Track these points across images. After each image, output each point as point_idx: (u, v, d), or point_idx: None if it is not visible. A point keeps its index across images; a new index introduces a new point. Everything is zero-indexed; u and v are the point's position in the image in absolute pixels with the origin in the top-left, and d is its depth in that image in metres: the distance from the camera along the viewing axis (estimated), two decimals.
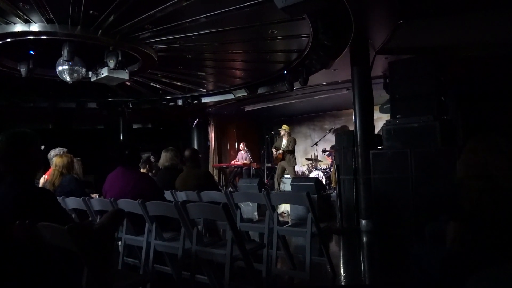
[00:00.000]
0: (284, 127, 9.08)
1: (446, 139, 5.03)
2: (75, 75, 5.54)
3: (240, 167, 10.48)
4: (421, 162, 5.03)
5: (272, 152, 9.24)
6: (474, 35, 5.46)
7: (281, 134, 9.05)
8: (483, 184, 1.63)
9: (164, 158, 4.64)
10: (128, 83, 7.47)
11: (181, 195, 4.16)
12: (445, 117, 5.44)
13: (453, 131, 5.47)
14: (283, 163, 8.89)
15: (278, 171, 9.00)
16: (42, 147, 2.13)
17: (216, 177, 11.72)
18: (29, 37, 4.71)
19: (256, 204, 6.72)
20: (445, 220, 1.84)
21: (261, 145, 12.86)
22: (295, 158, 9.04)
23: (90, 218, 3.56)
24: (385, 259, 4.25)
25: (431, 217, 2.42)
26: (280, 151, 8.75)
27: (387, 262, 4.07)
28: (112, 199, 3.26)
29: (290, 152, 8.83)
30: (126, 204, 3.17)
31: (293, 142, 8.85)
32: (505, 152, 1.65)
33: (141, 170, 4.39)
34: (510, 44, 5.57)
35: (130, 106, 9.10)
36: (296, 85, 7.30)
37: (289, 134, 9.02)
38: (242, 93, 8.14)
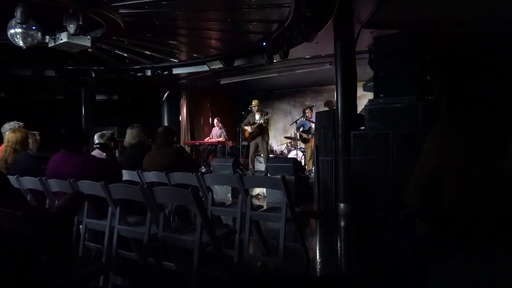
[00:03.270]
0: (255, 101, 9.35)
1: (429, 121, 5.18)
2: (29, 39, 5.31)
3: (214, 145, 10.47)
4: (402, 144, 5.18)
5: (244, 130, 9.29)
6: (462, 11, 5.55)
7: (253, 110, 9.25)
8: (452, 179, 1.69)
9: (130, 135, 4.58)
10: (91, 50, 7.25)
11: (149, 176, 4.15)
12: (429, 97, 5.58)
13: (436, 112, 5.64)
14: (257, 139, 9.06)
15: (252, 149, 9.15)
16: None
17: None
18: None
19: (229, 186, 6.80)
20: (408, 217, 1.92)
21: (237, 121, 12.82)
22: (268, 133, 9.31)
23: (47, 201, 3.52)
24: (362, 244, 4.42)
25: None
26: (261, 121, 8.93)
27: (363, 247, 4.24)
28: (71, 180, 3.23)
29: (265, 125, 9.10)
30: (88, 186, 3.15)
31: (266, 117, 9.11)
32: (476, 140, 1.70)
33: (101, 149, 4.30)
34: (499, 21, 5.70)
35: (93, 75, 8.84)
36: (276, 58, 7.26)
37: (261, 109, 9.34)
38: (217, 65, 8.04)
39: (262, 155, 9.35)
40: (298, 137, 10.06)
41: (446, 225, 1.69)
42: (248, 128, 9.18)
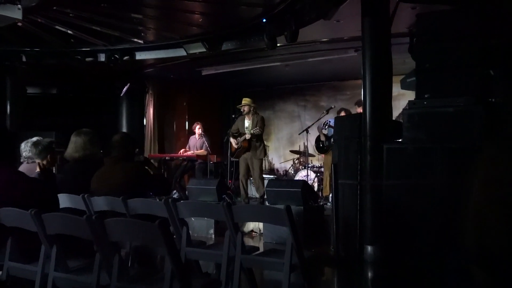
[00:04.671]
0: (246, 100, 8.99)
1: (492, 132, 5.20)
2: None
3: (192, 160, 10.48)
4: (454, 163, 5.18)
5: (230, 143, 9.14)
6: None
7: (243, 112, 9.00)
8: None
9: (74, 145, 4.59)
10: (22, 25, 7.28)
11: (99, 202, 4.16)
12: (492, 99, 5.61)
13: (503, 119, 5.67)
14: (246, 155, 8.84)
15: (241, 168, 9.00)
16: None
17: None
18: None
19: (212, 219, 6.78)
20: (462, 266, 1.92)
21: (224, 127, 12.84)
22: (264, 147, 9.07)
23: None
24: None
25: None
26: (248, 135, 8.62)
27: None
28: None
29: (258, 137, 8.79)
30: (12, 216, 3.15)
31: (261, 122, 8.81)
32: None
33: (39, 162, 4.30)
34: None
35: (24, 59, 8.88)
36: (281, 41, 7.31)
37: (255, 111, 9.04)
38: (198, 49, 8.09)
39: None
40: (314, 144, 9.88)
41: None
42: (233, 142, 9.06)
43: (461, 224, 1.90)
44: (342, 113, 9.34)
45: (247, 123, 8.98)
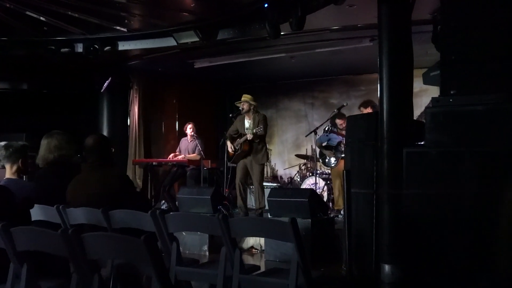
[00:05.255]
0: (246, 97, 8.98)
1: None
2: None
3: (183, 165, 10.48)
4: (486, 170, 5.17)
5: (227, 145, 9.17)
6: None
7: (242, 111, 9.02)
8: None
9: (47, 148, 4.61)
10: None
11: (76, 214, 4.15)
12: None
13: None
14: (246, 160, 8.86)
15: (238, 172, 8.98)
16: None
17: (139, 183, 11.64)
18: None
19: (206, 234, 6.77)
20: None
21: (220, 128, 12.88)
22: (266, 151, 9.09)
23: None
24: None
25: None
26: (249, 136, 8.60)
27: None
28: None
29: (260, 139, 8.80)
30: None
31: (263, 122, 8.81)
32: None
33: (9, 169, 4.30)
34: None
35: None
36: (285, 29, 7.30)
37: (256, 110, 9.05)
38: (190, 38, 8.09)
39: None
40: (318, 156, 9.97)
41: None
42: (229, 146, 9.06)
43: (494, 242, 1.90)
44: (339, 119, 9.53)
45: (247, 123, 8.98)
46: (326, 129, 9.72)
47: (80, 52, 8.80)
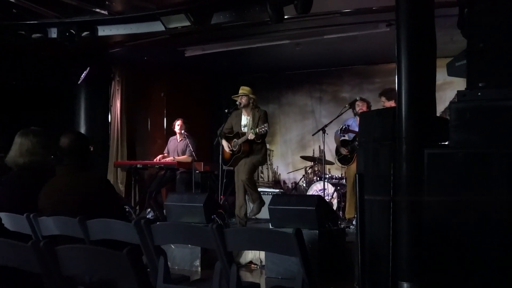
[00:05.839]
0: (244, 89, 8.92)
1: None
2: None
3: (172, 168, 10.48)
4: None
5: (222, 146, 9.13)
6: None
7: (239, 106, 8.96)
8: None
9: (18, 150, 4.60)
10: None
11: (49, 225, 4.15)
12: None
13: None
14: (244, 161, 8.81)
15: (237, 178, 8.97)
16: None
17: (121, 188, 11.64)
18: None
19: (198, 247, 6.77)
20: None
21: (215, 126, 12.84)
22: (266, 152, 9.15)
23: None
24: None
25: None
26: (251, 136, 8.54)
27: None
28: None
29: (261, 137, 8.76)
30: None
31: (264, 119, 8.78)
32: None
33: None
34: None
35: None
36: (289, 12, 7.31)
37: (255, 105, 9.00)
38: (181, 22, 8.10)
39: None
40: (335, 154, 9.91)
41: None
42: (226, 146, 9.03)
43: None
44: (361, 106, 9.39)
45: (244, 119, 8.97)
46: (343, 128, 9.56)
47: (54, 38, 8.80)
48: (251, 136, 8.59)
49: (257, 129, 8.58)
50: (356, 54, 11.11)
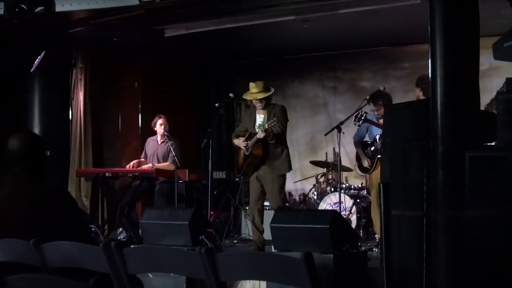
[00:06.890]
0: (258, 86, 8.96)
1: None
2: None
3: (149, 177, 10.50)
4: None
5: (236, 148, 9.19)
6: None
7: (253, 101, 9.06)
8: None
9: None
10: None
11: None
12: None
13: None
14: (261, 172, 8.91)
15: (252, 193, 9.02)
16: None
17: (85, 202, 11.65)
18: None
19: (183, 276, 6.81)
20: None
21: (204, 124, 12.87)
22: (288, 156, 9.17)
23: None
24: None
25: None
26: (260, 134, 8.52)
27: None
28: None
29: (276, 138, 8.86)
30: None
31: (281, 114, 8.91)
32: None
33: None
34: None
35: None
36: None
37: (268, 102, 9.08)
38: None
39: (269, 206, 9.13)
40: (355, 160, 9.89)
41: None
42: (244, 143, 8.99)
43: None
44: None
45: (259, 118, 9.04)
46: (358, 116, 9.41)
47: (1, 15, 8.82)
48: (260, 135, 8.63)
49: (266, 124, 8.64)
50: (379, 33, 11.11)
